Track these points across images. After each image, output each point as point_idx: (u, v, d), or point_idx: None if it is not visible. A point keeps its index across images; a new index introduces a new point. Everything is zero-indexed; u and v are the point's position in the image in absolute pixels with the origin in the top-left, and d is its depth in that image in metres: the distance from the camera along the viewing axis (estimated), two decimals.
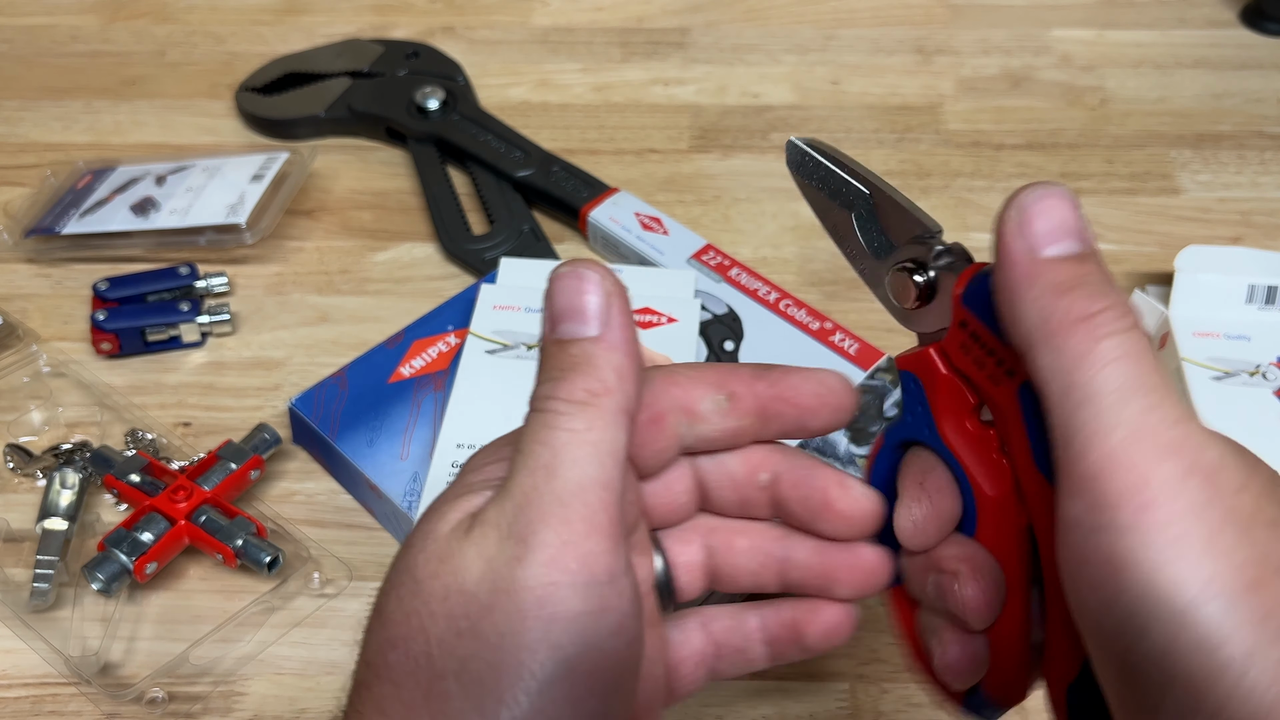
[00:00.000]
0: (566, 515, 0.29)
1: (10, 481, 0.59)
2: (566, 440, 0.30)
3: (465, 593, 0.29)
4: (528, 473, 0.30)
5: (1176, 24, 0.88)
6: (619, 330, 0.31)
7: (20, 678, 0.52)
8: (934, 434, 0.34)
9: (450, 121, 0.76)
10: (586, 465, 0.30)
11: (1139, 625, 0.27)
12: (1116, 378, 0.28)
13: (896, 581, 0.36)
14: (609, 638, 0.29)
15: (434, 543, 0.30)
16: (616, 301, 0.32)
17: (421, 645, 0.29)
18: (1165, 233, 0.72)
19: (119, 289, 0.66)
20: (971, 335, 0.32)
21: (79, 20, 0.88)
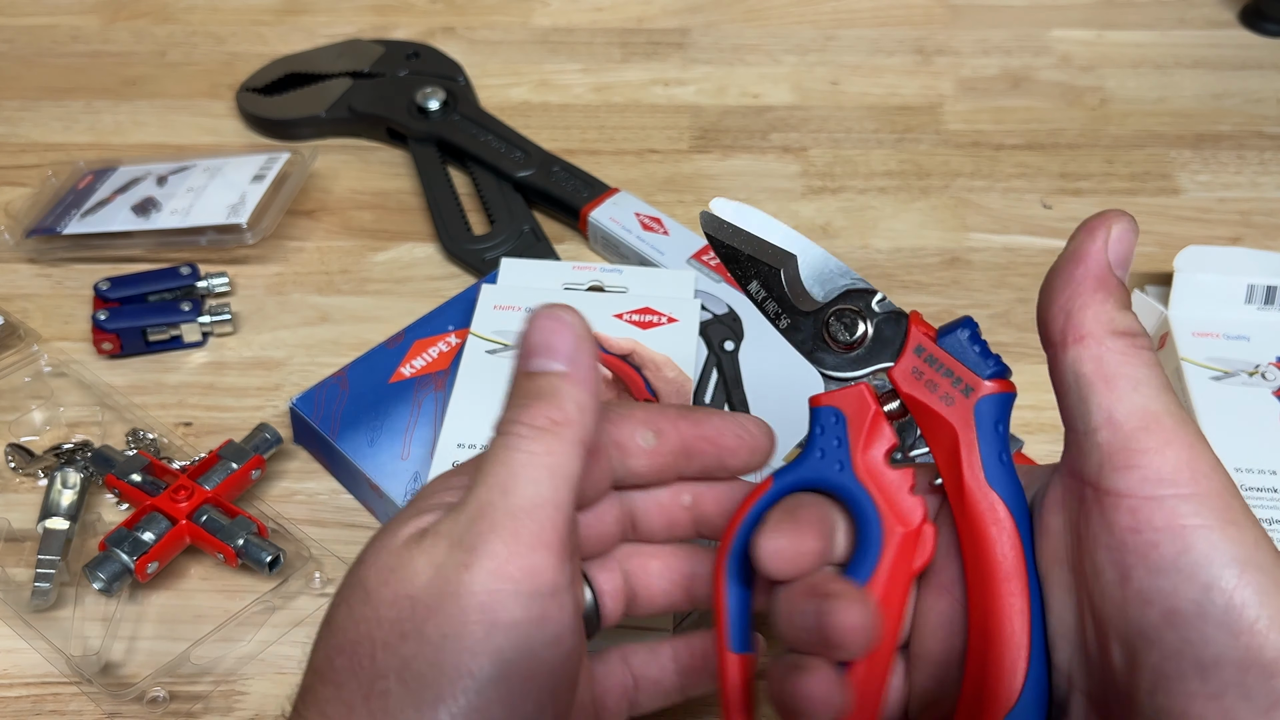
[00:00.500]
0: (516, 529, 0.31)
1: (11, 481, 0.59)
2: (525, 461, 0.32)
3: (412, 597, 0.30)
4: (485, 489, 0.32)
5: (1176, 24, 0.88)
6: (585, 369, 0.34)
7: (21, 677, 0.52)
8: (846, 470, 0.36)
9: (451, 122, 0.77)
10: (541, 485, 0.32)
11: (1205, 579, 0.30)
12: (1157, 377, 0.33)
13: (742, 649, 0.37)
14: (547, 647, 0.31)
15: (385, 555, 0.32)
16: (586, 344, 0.34)
17: (367, 649, 0.31)
18: (1165, 233, 0.73)
19: (120, 289, 0.66)
20: (927, 360, 0.35)
21: (80, 20, 0.88)
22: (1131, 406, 0.32)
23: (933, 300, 0.68)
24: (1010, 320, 0.67)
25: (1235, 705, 0.30)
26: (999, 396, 0.35)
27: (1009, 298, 0.69)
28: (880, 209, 0.74)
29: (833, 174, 0.76)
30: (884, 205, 0.74)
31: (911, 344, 0.36)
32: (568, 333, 0.34)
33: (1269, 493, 0.56)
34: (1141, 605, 0.31)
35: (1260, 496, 0.56)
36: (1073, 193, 0.75)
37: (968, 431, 0.35)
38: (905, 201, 0.74)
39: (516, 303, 0.61)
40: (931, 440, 0.35)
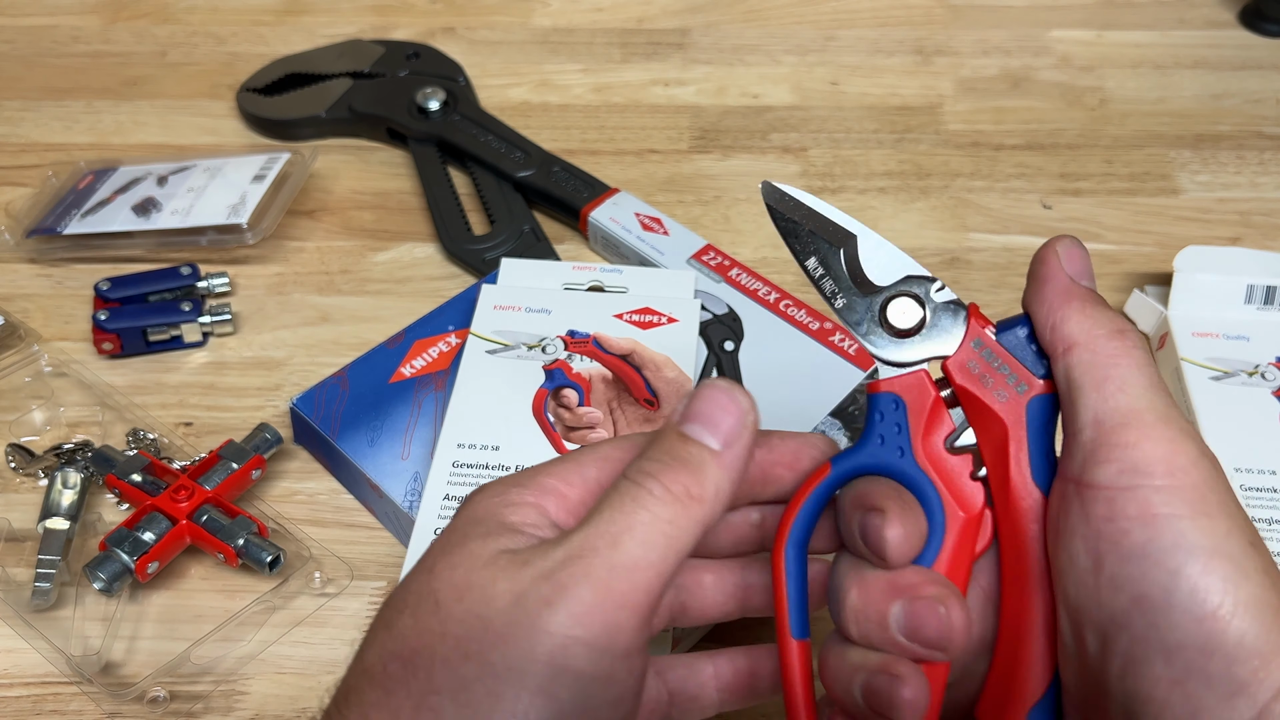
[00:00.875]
0: (611, 583, 0.30)
1: (12, 481, 0.59)
2: (646, 521, 0.31)
3: (484, 619, 0.30)
4: (594, 534, 0.31)
5: (1176, 25, 0.88)
6: (737, 458, 0.33)
7: (21, 677, 0.52)
8: (907, 456, 0.36)
9: (451, 122, 0.77)
10: (652, 551, 0.31)
11: (1172, 566, 0.31)
12: (1146, 376, 0.34)
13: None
14: (607, 706, 0.30)
15: (463, 570, 0.31)
16: (748, 434, 0.34)
17: (426, 661, 0.30)
18: (1164, 233, 0.73)
19: (120, 289, 0.66)
20: (984, 355, 0.36)
21: (80, 21, 0.88)
22: (1116, 405, 0.33)
23: None
24: None
25: (1198, 690, 0.30)
26: (1052, 396, 0.36)
27: (1009, 298, 0.69)
28: (880, 209, 0.74)
29: (833, 174, 0.76)
30: (884, 205, 0.74)
31: (970, 336, 0.36)
32: (735, 416, 0.34)
33: (1269, 493, 0.56)
34: (1113, 591, 0.32)
35: (1260, 496, 0.56)
36: (1072, 193, 0.75)
37: (1018, 429, 0.35)
38: (905, 202, 0.74)
39: (517, 303, 0.61)
40: (981, 433, 0.36)
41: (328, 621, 0.54)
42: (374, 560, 0.56)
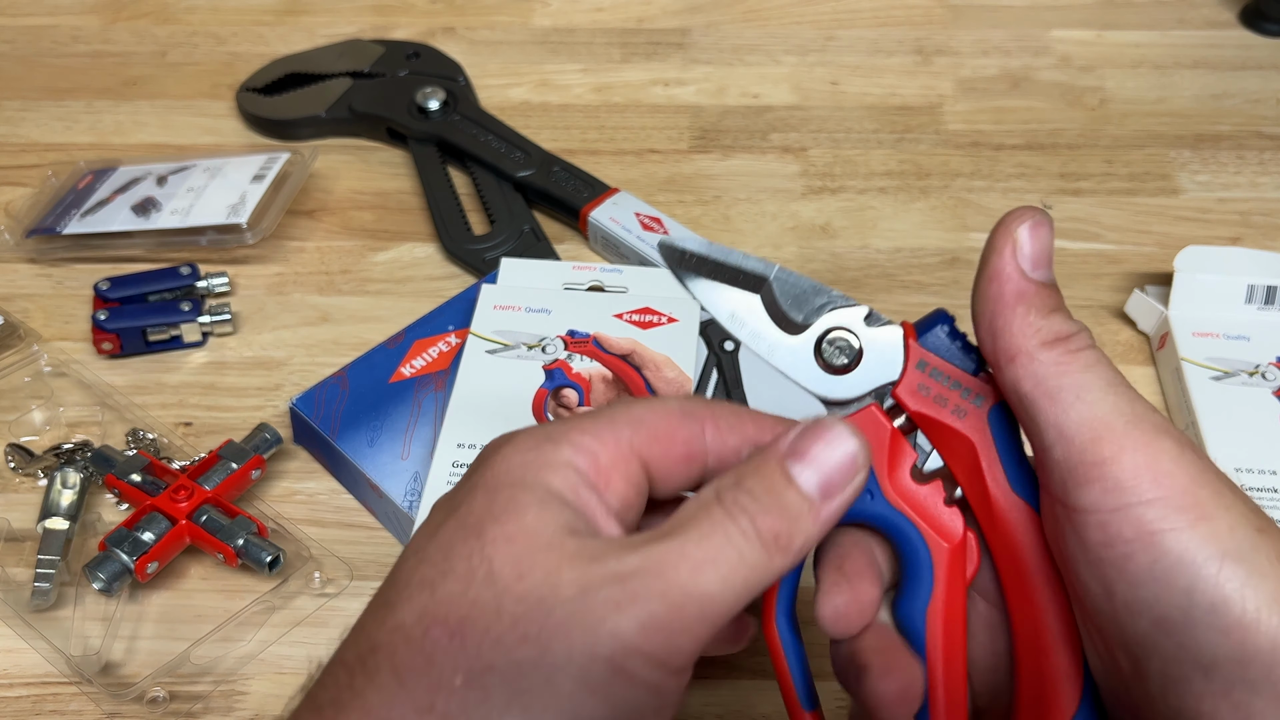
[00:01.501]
0: (685, 606, 0.29)
1: (11, 481, 0.59)
2: (731, 559, 0.30)
3: (547, 605, 0.29)
4: (676, 553, 0.30)
5: (1176, 25, 0.88)
6: (830, 514, 0.32)
7: (21, 677, 0.52)
8: (878, 498, 0.34)
9: (451, 122, 0.77)
10: (729, 589, 0.30)
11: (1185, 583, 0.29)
12: (1100, 378, 0.32)
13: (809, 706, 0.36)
14: (651, 714, 0.30)
15: (523, 546, 0.30)
16: (852, 490, 0.32)
17: (477, 635, 0.29)
18: (1164, 233, 0.73)
19: (120, 289, 0.66)
20: (931, 374, 0.34)
21: (80, 21, 0.88)
22: (1079, 417, 0.31)
23: (933, 300, 0.68)
24: None
25: (1245, 698, 0.29)
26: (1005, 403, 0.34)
27: None
28: (880, 209, 0.74)
29: (833, 174, 0.76)
30: (884, 205, 0.74)
31: (912, 359, 0.35)
32: (846, 466, 0.32)
33: (1269, 493, 0.56)
34: (1131, 616, 0.31)
35: (1260, 497, 0.56)
36: (1073, 193, 0.75)
37: (985, 442, 0.34)
38: (905, 202, 0.74)
39: (517, 303, 0.61)
40: (948, 454, 0.35)
41: (328, 621, 0.54)
42: (374, 560, 0.56)
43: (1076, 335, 0.33)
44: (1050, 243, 0.35)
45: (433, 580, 0.30)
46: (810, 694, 0.35)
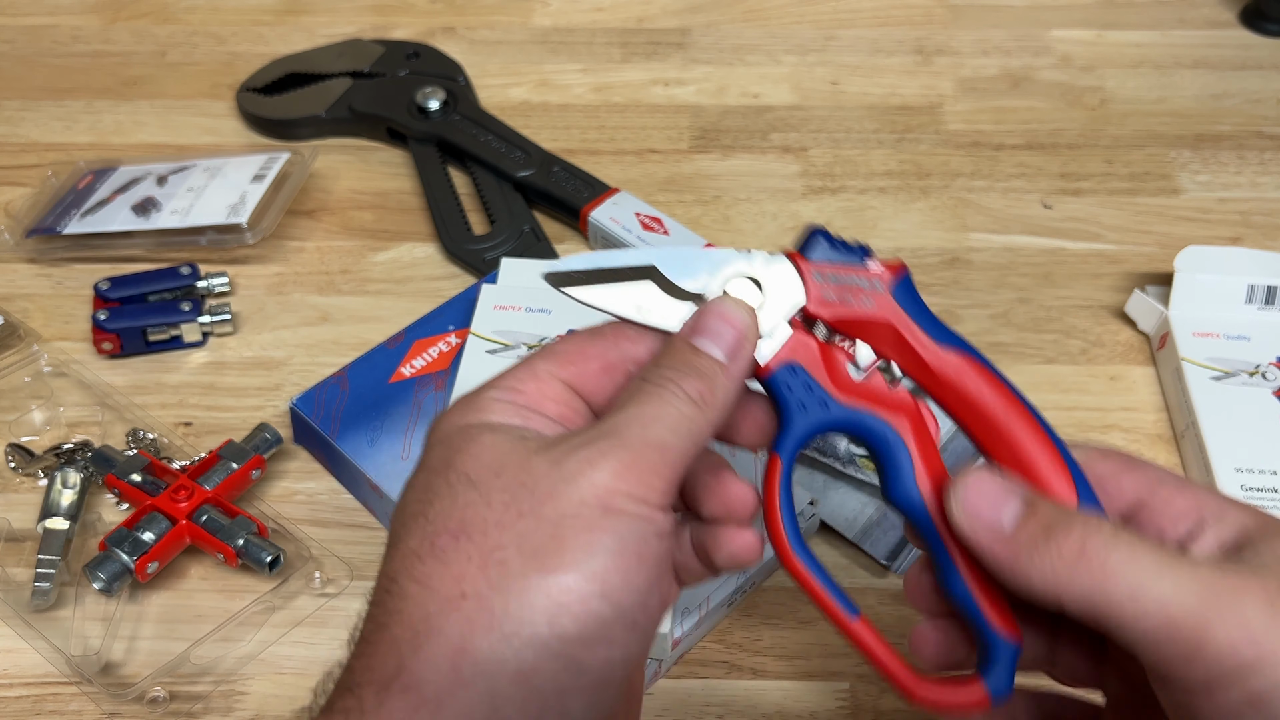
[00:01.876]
0: (645, 454, 0.33)
1: (12, 481, 0.59)
2: (673, 414, 0.34)
3: (528, 485, 0.32)
4: (626, 417, 0.34)
5: (1176, 24, 0.88)
6: (739, 370, 0.36)
7: (21, 677, 0.52)
8: (834, 405, 0.37)
9: (451, 122, 0.77)
10: (679, 437, 0.34)
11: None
12: (1151, 572, 0.31)
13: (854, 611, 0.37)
14: (657, 538, 0.33)
15: (489, 452, 0.33)
16: (748, 347, 0.37)
17: (479, 527, 0.32)
18: (1165, 233, 0.73)
19: (120, 289, 0.66)
20: (830, 280, 0.37)
21: (80, 21, 0.88)
22: (1147, 622, 0.32)
23: (933, 300, 0.68)
24: (1010, 320, 0.67)
25: None
26: (903, 277, 0.37)
27: (1009, 298, 0.69)
28: (880, 209, 0.74)
29: (833, 174, 0.76)
30: (884, 205, 0.74)
31: (807, 274, 0.38)
32: (738, 330, 0.36)
33: (1270, 493, 0.56)
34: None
35: (1261, 497, 0.56)
36: (1073, 193, 0.75)
37: (900, 317, 0.37)
38: (905, 201, 0.74)
39: (517, 303, 0.61)
40: (873, 341, 0.37)
41: (328, 621, 0.54)
42: (374, 560, 0.56)
43: (1089, 540, 0.33)
44: (993, 483, 0.35)
45: (423, 510, 0.33)
46: (848, 603, 0.37)
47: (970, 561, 0.36)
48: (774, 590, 0.55)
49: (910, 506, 0.37)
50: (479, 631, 0.31)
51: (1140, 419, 0.63)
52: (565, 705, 0.31)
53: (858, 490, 0.57)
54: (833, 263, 0.38)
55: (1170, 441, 0.62)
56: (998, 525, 0.34)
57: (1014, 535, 0.34)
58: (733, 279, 0.38)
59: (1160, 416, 0.63)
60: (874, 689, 0.52)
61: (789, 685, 0.52)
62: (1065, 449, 0.36)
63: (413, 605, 0.32)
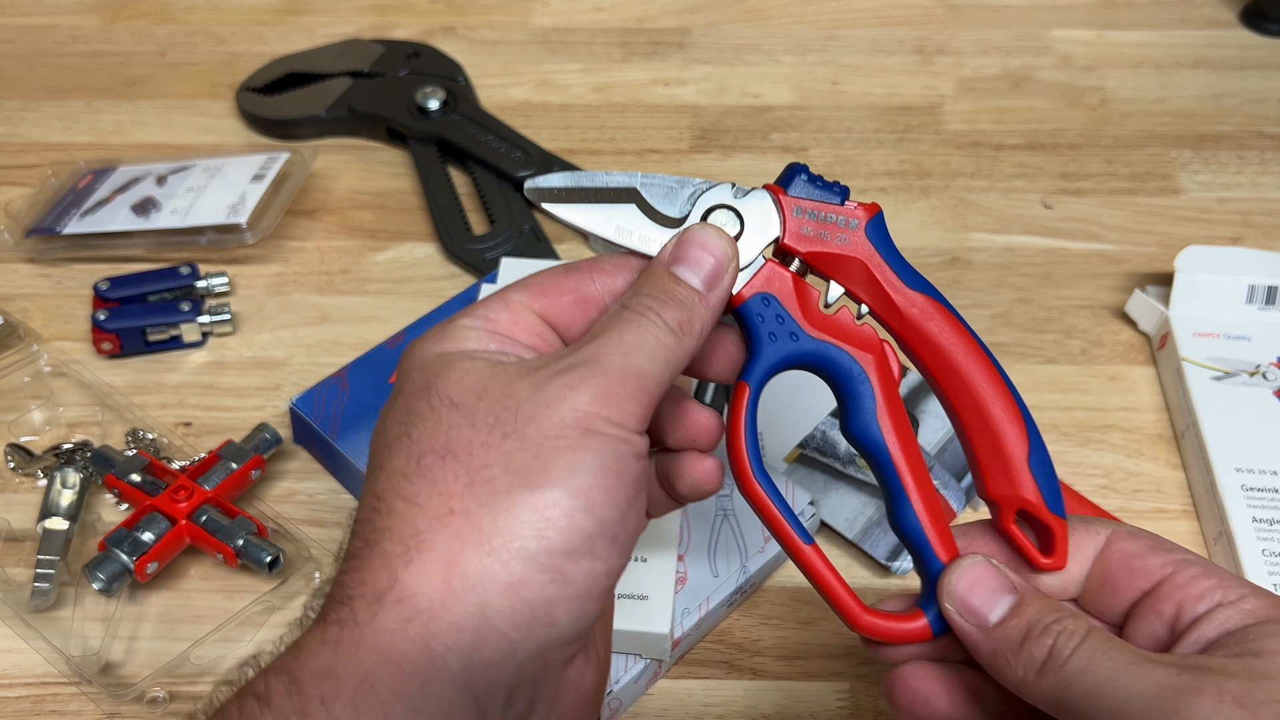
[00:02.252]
0: (624, 380, 0.34)
1: (11, 481, 0.59)
2: (652, 342, 0.35)
3: (511, 408, 0.33)
4: (604, 346, 0.35)
5: (1176, 24, 0.88)
6: (717, 300, 0.37)
7: (21, 677, 0.52)
8: (802, 337, 0.38)
9: (451, 121, 0.77)
10: (656, 365, 0.35)
11: None
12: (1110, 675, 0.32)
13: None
14: (636, 459, 0.34)
15: (471, 377, 0.34)
16: (728, 278, 0.38)
17: (464, 448, 0.33)
18: (1165, 233, 0.73)
19: (120, 289, 0.66)
20: (807, 216, 0.38)
21: (80, 20, 0.88)
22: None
23: None
24: (1010, 320, 0.67)
25: None
26: (877, 216, 0.39)
27: (1009, 298, 0.69)
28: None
29: (833, 174, 0.76)
30: (884, 205, 0.74)
31: (787, 209, 0.38)
32: (718, 259, 0.37)
33: (1270, 493, 0.56)
34: None
35: (1261, 496, 0.56)
36: (1073, 193, 0.75)
37: (871, 256, 0.38)
38: (906, 201, 0.74)
39: None
40: (844, 279, 0.39)
41: None
42: None
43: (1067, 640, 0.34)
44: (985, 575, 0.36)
45: (406, 432, 0.34)
46: (804, 530, 0.38)
47: (925, 498, 0.37)
48: (774, 590, 0.55)
49: (869, 440, 0.38)
50: (469, 546, 0.32)
51: (1140, 419, 0.63)
52: (552, 615, 0.32)
53: (858, 490, 0.57)
54: (811, 199, 0.39)
55: (1170, 442, 0.61)
56: (984, 620, 0.36)
57: (996, 632, 0.35)
58: (713, 208, 0.38)
59: (1161, 416, 0.63)
60: (874, 689, 0.52)
61: (789, 685, 0.52)
62: (1021, 401, 0.38)
63: (403, 522, 0.33)
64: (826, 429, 0.59)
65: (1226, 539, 0.55)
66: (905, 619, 0.37)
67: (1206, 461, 0.58)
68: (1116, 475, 0.60)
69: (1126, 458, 0.61)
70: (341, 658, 0.31)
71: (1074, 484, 0.59)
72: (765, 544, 0.54)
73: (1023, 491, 0.37)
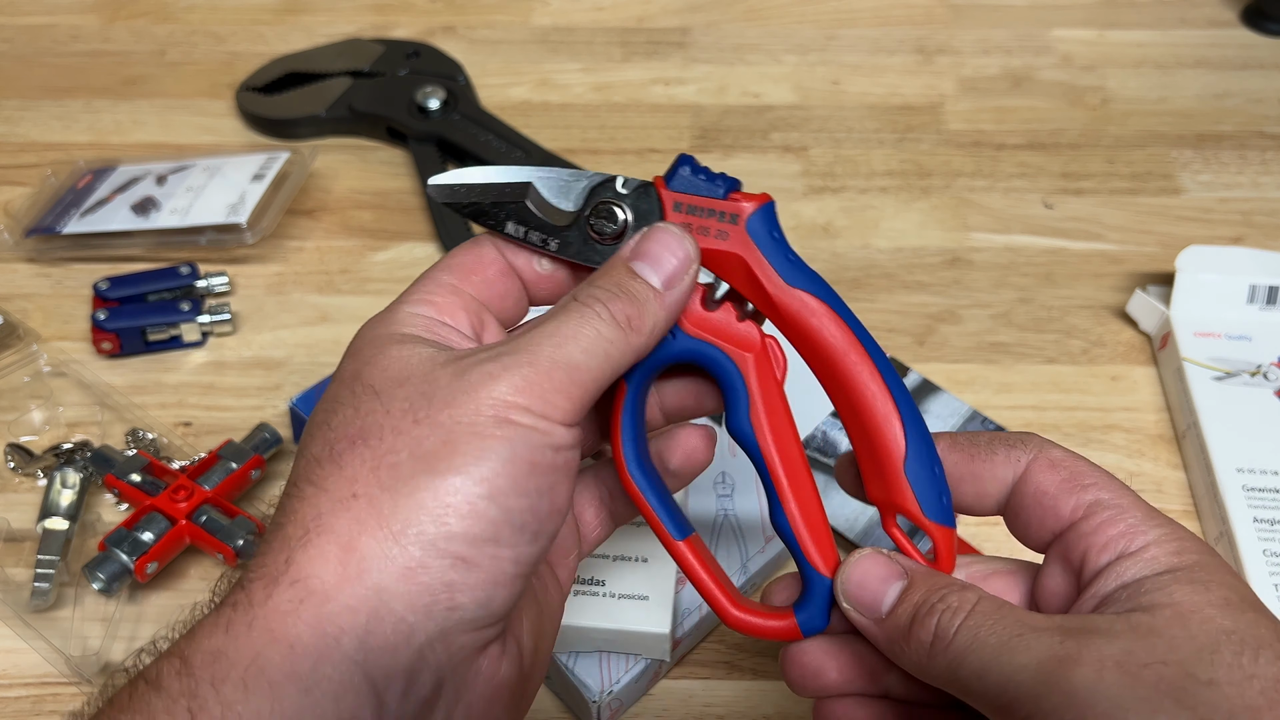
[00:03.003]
0: (553, 371, 0.33)
1: (11, 481, 0.59)
2: (591, 335, 0.34)
3: (428, 394, 0.33)
4: (540, 334, 0.34)
5: (1177, 24, 0.88)
6: (675, 301, 0.37)
7: (21, 677, 0.52)
8: (680, 336, 0.38)
9: (451, 121, 0.76)
10: (593, 359, 0.34)
11: None
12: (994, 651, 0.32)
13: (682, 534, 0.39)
14: (553, 450, 0.33)
15: (397, 367, 0.34)
16: (688, 279, 0.37)
17: (375, 433, 0.33)
18: (1166, 233, 0.72)
19: (119, 288, 0.66)
20: (689, 211, 0.38)
21: (79, 20, 0.88)
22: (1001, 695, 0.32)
23: (934, 300, 0.68)
24: (1011, 320, 0.67)
25: None
26: (761, 209, 0.37)
27: (1010, 297, 0.68)
28: (881, 209, 0.74)
29: (834, 173, 0.76)
30: (885, 205, 0.74)
31: (669, 204, 0.38)
32: (681, 260, 0.37)
33: (1271, 493, 0.56)
34: None
35: (1261, 496, 0.56)
36: (1074, 192, 0.75)
37: (752, 253, 0.37)
38: (906, 201, 0.74)
39: None
40: (726, 274, 0.38)
41: None
42: None
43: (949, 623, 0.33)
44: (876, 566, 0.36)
45: (327, 420, 0.34)
46: (678, 525, 0.38)
47: (800, 499, 0.37)
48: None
49: (744, 439, 0.38)
50: (368, 530, 0.32)
51: (1141, 419, 0.62)
52: (454, 599, 0.32)
53: None
54: (696, 193, 0.38)
55: (1171, 441, 0.61)
56: (877, 611, 0.35)
57: (888, 621, 0.35)
58: (598, 202, 0.38)
59: (1162, 416, 0.63)
60: None
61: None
62: (902, 394, 0.37)
63: (307, 505, 0.33)
64: (827, 429, 0.59)
65: (1227, 539, 0.55)
66: (774, 617, 0.37)
67: (1207, 461, 0.58)
68: (1117, 475, 0.60)
69: (1127, 458, 0.61)
70: (233, 639, 0.31)
71: None
72: (766, 544, 0.54)
73: (897, 497, 0.37)
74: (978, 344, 0.66)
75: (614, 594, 0.50)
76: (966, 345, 0.66)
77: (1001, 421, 0.61)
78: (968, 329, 0.67)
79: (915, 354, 0.65)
